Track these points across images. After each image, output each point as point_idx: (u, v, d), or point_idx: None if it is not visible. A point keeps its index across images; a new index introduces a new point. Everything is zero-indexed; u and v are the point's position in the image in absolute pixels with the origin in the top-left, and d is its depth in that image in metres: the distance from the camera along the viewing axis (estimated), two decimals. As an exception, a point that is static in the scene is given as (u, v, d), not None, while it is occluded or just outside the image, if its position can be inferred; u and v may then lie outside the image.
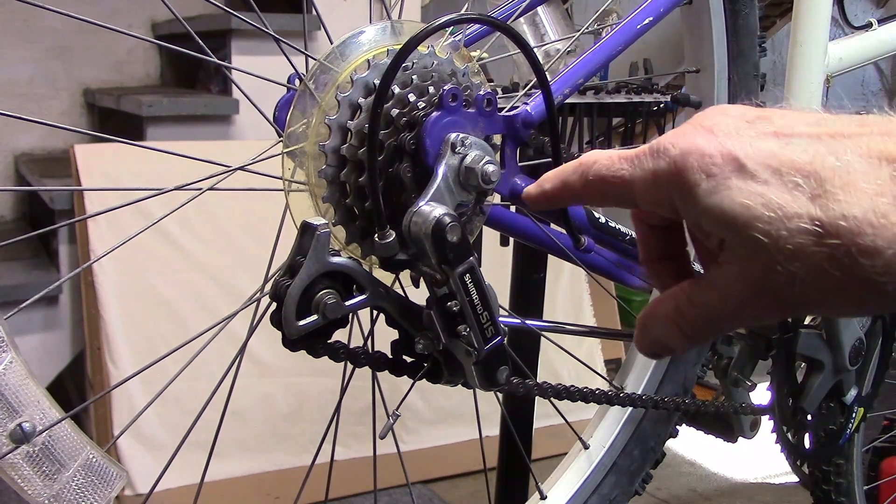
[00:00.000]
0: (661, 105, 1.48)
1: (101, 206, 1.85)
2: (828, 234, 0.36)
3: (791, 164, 0.37)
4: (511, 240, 1.36)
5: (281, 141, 0.63)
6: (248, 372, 1.89)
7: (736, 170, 0.38)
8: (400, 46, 0.58)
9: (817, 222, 0.36)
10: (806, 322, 1.04)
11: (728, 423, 1.07)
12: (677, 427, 1.04)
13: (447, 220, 0.56)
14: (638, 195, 0.43)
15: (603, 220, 0.75)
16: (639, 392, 0.99)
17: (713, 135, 0.40)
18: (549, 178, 0.48)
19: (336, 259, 0.58)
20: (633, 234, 0.76)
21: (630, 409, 0.98)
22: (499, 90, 1.28)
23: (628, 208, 0.48)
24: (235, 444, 1.91)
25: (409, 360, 0.64)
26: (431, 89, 0.61)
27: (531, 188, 0.49)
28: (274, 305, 0.57)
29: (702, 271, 0.44)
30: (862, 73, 4.07)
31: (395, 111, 0.59)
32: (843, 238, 0.35)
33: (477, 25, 0.80)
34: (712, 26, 0.96)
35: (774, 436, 1.06)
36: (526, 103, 0.68)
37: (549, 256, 1.13)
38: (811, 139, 0.38)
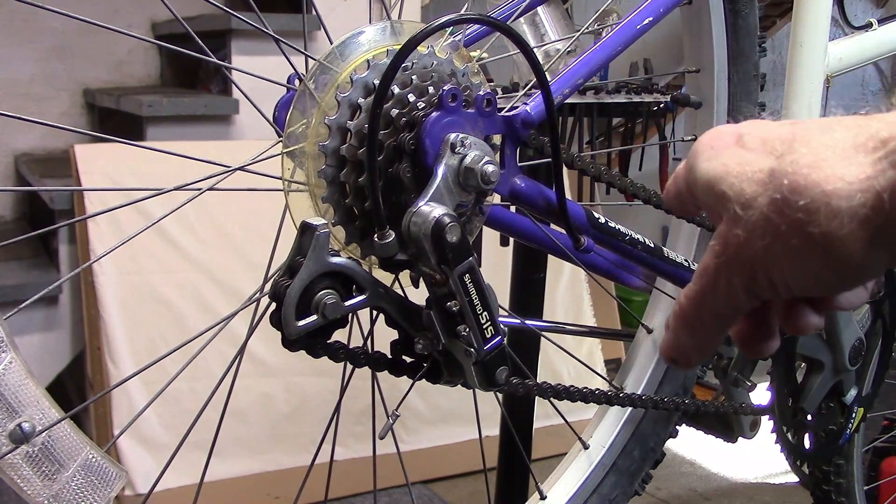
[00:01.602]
0: (661, 105, 1.48)
1: (101, 206, 1.84)
2: (773, 179, 0.38)
3: (778, 135, 0.40)
4: (511, 240, 1.36)
5: (280, 141, 0.64)
6: (248, 372, 1.89)
7: (735, 142, 0.41)
8: (400, 47, 0.58)
9: (770, 170, 0.38)
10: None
11: (728, 423, 1.07)
12: (677, 427, 1.04)
13: (447, 220, 0.56)
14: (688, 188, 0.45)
15: (603, 220, 0.75)
16: (638, 392, 0.99)
17: (736, 122, 0.44)
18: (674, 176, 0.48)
19: (335, 259, 0.58)
20: (633, 235, 0.77)
21: (630, 409, 0.98)
22: (499, 90, 1.28)
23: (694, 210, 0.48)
24: (235, 444, 1.91)
25: (408, 360, 0.64)
26: (431, 89, 0.61)
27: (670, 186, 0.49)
28: (273, 305, 0.57)
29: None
30: (862, 73, 4.06)
31: (394, 111, 0.59)
32: (782, 179, 0.37)
33: (477, 26, 0.80)
34: (712, 26, 0.96)
35: (774, 436, 1.05)
36: (525, 103, 0.68)
37: (549, 256, 1.13)
38: (814, 121, 0.40)
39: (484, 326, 0.59)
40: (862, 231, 0.35)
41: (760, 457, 2.18)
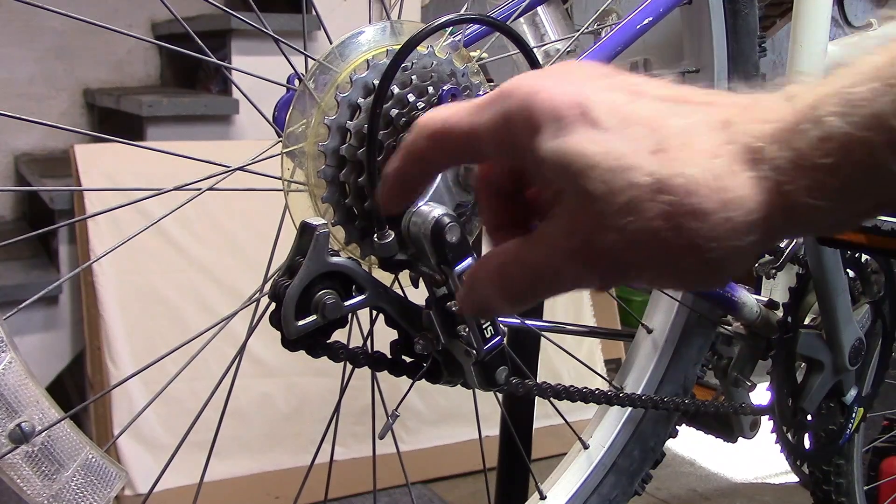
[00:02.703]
0: (661, 105, 1.48)
1: (101, 206, 1.85)
2: (662, 190, 0.35)
3: (637, 117, 0.36)
4: (511, 240, 1.36)
5: (280, 141, 0.64)
6: (248, 372, 1.89)
7: (582, 114, 0.36)
8: (399, 47, 0.58)
9: (655, 177, 0.35)
10: (806, 322, 1.04)
11: (728, 423, 1.07)
12: (677, 427, 1.04)
13: (446, 220, 0.56)
14: (483, 143, 0.40)
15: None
16: (638, 392, 0.99)
17: (560, 79, 0.39)
18: (390, 162, 0.44)
19: (335, 259, 0.58)
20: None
21: (630, 409, 0.98)
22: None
23: (474, 163, 0.46)
24: (235, 444, 1.91)
25: (408, 360, 0.64)
26: (431, 89, 0.61)
27: (379, 188, 0.45)
28: (273, 305, 0.57)
29: None
30: (862, 73, 4.06)
31: (394, 111, 0.59)
32: (677, 195, 0.34)
33: (476, 25, 0.80)
34: (712, 26, 0.96)
35: (774, 436, 1.05)
36: (525, 103, 0.67)
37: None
38: (657, 99, 0.37)
39: (483, 326, 0.59)
40: (753, 251, 0.36)
41: (760, 457, 2.18)
